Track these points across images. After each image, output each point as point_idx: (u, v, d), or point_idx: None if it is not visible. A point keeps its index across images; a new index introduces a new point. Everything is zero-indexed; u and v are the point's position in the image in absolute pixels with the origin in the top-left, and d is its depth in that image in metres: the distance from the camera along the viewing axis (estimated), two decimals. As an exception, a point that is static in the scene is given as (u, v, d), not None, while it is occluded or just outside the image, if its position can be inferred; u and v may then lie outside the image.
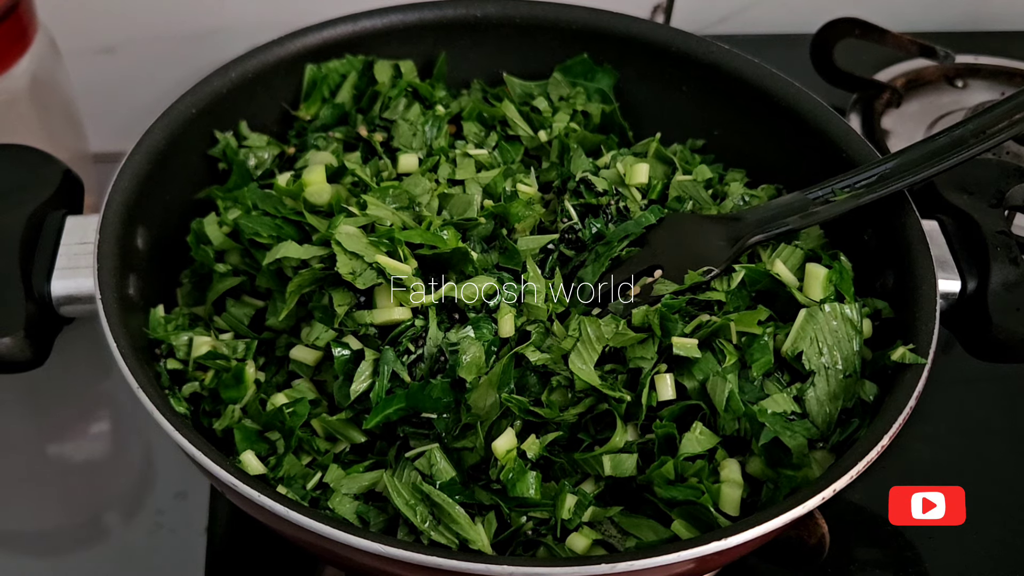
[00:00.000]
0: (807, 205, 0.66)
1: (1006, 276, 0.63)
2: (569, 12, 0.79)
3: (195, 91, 0.71)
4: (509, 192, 0.70)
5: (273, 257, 0.62)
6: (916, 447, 0.75)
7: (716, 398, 0.58)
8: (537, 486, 0.57)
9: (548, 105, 0.79)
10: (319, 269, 0.61)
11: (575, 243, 0.68)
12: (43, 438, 0.82)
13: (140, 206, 0.65)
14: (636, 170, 0.70)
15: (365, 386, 0.59)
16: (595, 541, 0.56)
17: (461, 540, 0.54)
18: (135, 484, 0.79)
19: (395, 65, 0.79)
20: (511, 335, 0.61)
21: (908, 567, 0.70)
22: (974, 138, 0.64)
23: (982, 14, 1.15)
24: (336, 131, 0.76)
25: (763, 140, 0.76)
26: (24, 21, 0.76)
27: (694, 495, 0.55)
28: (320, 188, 0.67)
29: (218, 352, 0.63)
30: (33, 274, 0.61)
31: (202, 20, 0.95)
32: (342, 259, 0.59)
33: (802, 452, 0.57)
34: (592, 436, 0.60)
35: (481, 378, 0.59)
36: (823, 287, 0.62)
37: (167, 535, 0.75)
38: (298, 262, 0.62)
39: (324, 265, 0.60)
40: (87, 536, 0.76)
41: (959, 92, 1.05)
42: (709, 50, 0.77)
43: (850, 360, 0.60)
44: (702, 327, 0.60)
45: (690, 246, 0.65)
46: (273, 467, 0.59)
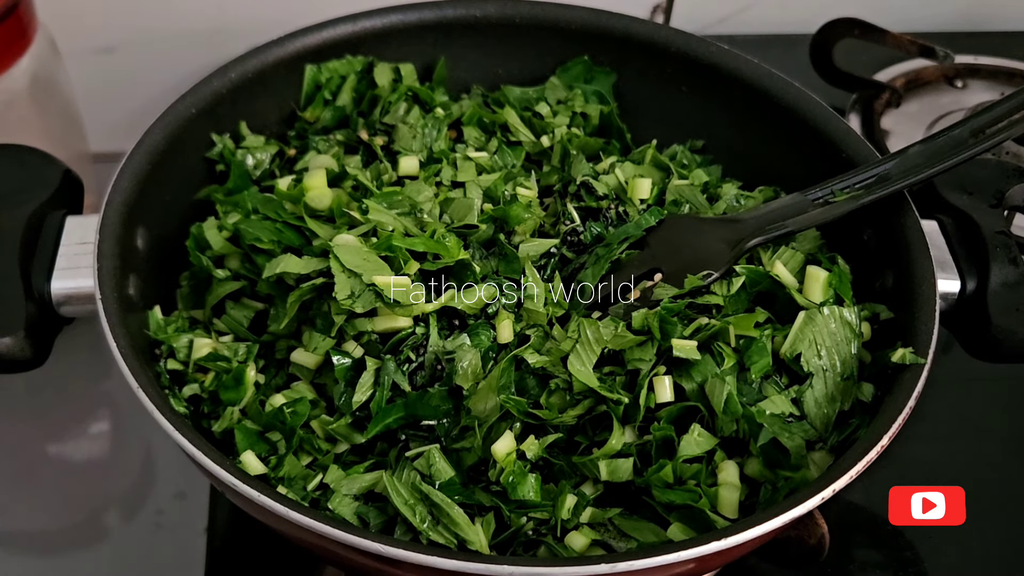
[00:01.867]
0: (806, 206, 0.66)
1: (1006, 276, 0.63)
2: (569, 12, 0.79)
3: (195, 91, 0.71)
4: (509, 196, 0.70)
5: (272, 271, 0.62)
6: (916, 447, 0.75)
7: (714, 400, 0.58)
8: (537, 488, 0.57)
9: (549, 110, 0.79)
10: (319, 283, 0.61)
11: (576, 245, 0.68)
12: (43, 438, 0.82)
13: (140, 206, 0.64)
14: (639, 185, 0.70)
15: (366, 396, 0.59)
16: (594, 542, 0.56)
17: (460, 540, 0.54)
18: (135, 484, 0.79)
19: (395, 68, 0.79)
20: (510, 340, 0.61)
21: (908, 567, 0.70)
22: (973, 138, 0.64)
23: (982, 14, 1.15)
24: (337, 134, 0.76)
25: (763, 140, 0.76)
26: (24, 21, 0.76)
27: (692, 498, 0.55)
28: (321, 193, 0.67)
29: (219, 354, 0.64)
30: (33, 274, 0.61)
31: (202, 20, 0.95)
32: (340, 280, 0.59)
33: (800, 453, 0.57)
34: (590, 438, 0.60)
35: (479, 383, 0.59)
36: (823, 289, 0.62)
37: (167, 535, 0.75)
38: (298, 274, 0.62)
39: (324, 280, 0.60)
40: (87, 536, 0.76)
41: (959, 92, 1.05)
42: (709, 50, 0.77)
43: (848, 363, 0.60)
44: (701, 330, 0.60)
45: (689, 249, 0.65)
46: (274, 467, 0.59)
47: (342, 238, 0.61)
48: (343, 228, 0.64)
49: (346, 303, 0.58)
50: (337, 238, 0.62)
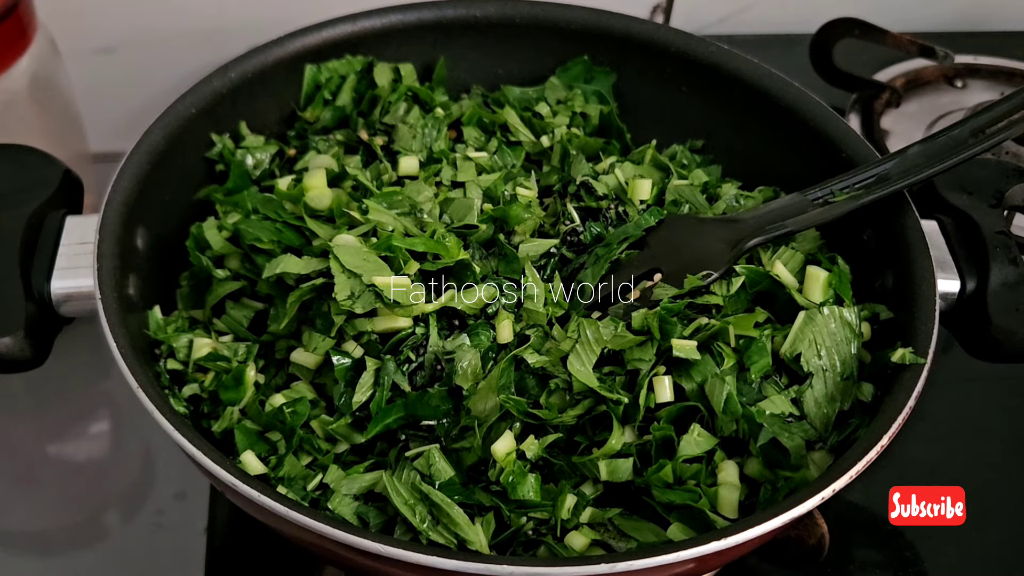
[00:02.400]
0: (806, 206, 0.66)
1: (1006, 276, 0.63)
2: (569, 12, 0.79)
3: (195, 91, 0.71)
4: (509, 196, 0.70)
5: (272, 272, 0.62)
6: (916, 447, 0.75)
7: (714, 399, 0.58)
8: (537, 488, 0.57)
9: (549, 110, 0.79)
10: (319, 284, 0.61)
11: (576, 245, 0.68)
12: (43, 438, 0.82)
13: (140, 206, 0.65)
14: (639, 186, 0.70)
15: (366, 397, 0.59)
16: (594, 542, 0.56)
17: (460, 540, 0.54)
18: (135, 484, 0.79)
19: (395, 68, 0.79)
20: (510, 340, 0.61)
21: (908, 567, 0.70)
22: (973, 138, 0.64)
23: (982, 14, 1.15)
24: (337, 134, 0.76)
25: (762, 140, 0.76)
26: (24, 21, 0.76)
27: (691, 499, 0.55)
28: (321, 193, 0.68)
29: (219, 354, 0.64)
30: (33, 274, 0.61)
31: (202, 20, 0.95)
32: (340, 281, 0.59)
33: (800, 453, 0.57)
34: (590, 438, 0.60)
35: (479, 384, 0.59)
36: (823, 290, 0.62)
37: (167, 535, 0.75)
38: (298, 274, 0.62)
39: (324, 280, 0.60)
40: (87, 536, 0.76)
41: (959, 92, 1.05)
42: (709, 50, 0.77)
43: (848, 363, 0.60)
44: (700, 330, 0.60)
45: (689, 249, 0.65)
46: (274, 467, 0.59)
47: (342, 238, 0.61)
48: (343, 228, 0.64)
49: (346, 304, 0.58)
50: (337, 238, 0.62)
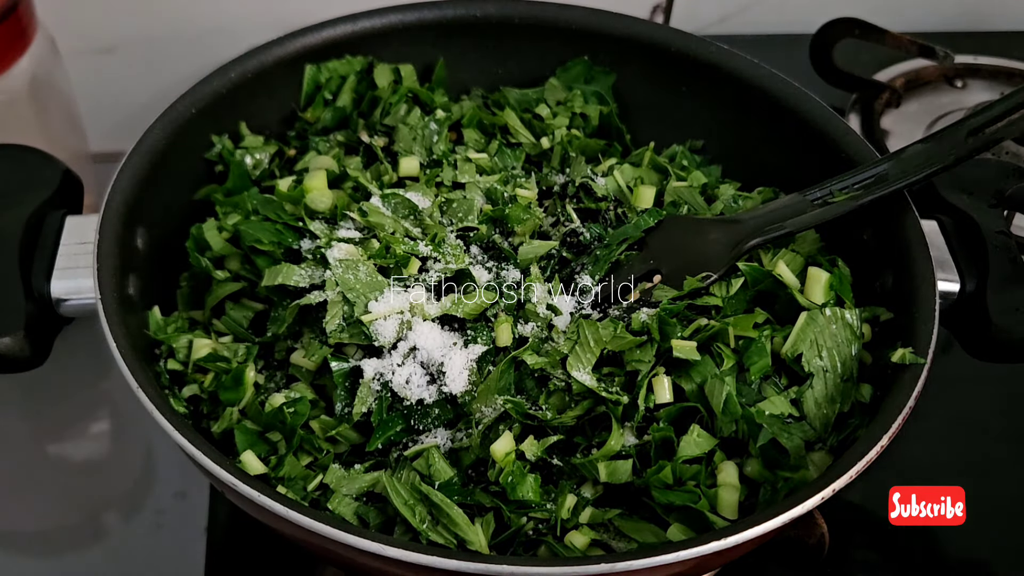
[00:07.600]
0: (805, 207, 0.65)
1: (1006, 276, 0.63)
2: (569, 12, 0.79)
3: (195, 91, 0.71)
4: (508, 197, 0.70)
5: (271, 282, 0.62)
6: (916, 447, 0.75)
7: (714, 400, 0.58)
8: (536, 488, 0.57)
9: (549, 111, 0.79)
10: (315, 303, 0.61)
11: (576, 247, 0.68)
12: (43, 438, 0.82)
13: (140, 206, 0.65)
14: (642, 193, 0.70)
15: (366, 408, 0.59)
16: (594, 542, 0.56)
17: (459, 540, 0.54)
18: (135, 484, 0.79)
19: (395, 69, 0.79)
20: (508, 344, 0.61)
21: (908, 567, 0.70)
22: (972, 138, 0.64)
23: (982, 14, 1.15)
24: (337, 134, 0.76)
25: (762, 140, 0.76)
26: (24, 21, 0.76)
27: (691, 499, 0.55)
28: (321, 194, 0.68)
29: (219, 354, 0.64)
30: (33, 274, 0.61)
31: (202, 20, 0.95)
32: (332, 310, 0.60)
33: (799, 454, 0.57)
34: (589, 439, 0.60)
35: (478, 387, 0.59)
36: (824, 291, 0.62)
37: (167, 535, 0.75)
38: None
39: (320, 298, 0.61)
40: (87, 536, 0.76)
41: (959, 92, 1.05)
42: (709, 50, 0.77)
43: (848, 364, 0.60)
44: (700, 331, 0.60)
45: (689, 250, 0.65)
46: (274, 467, 0.59)
47: (341, 249, 0.61)
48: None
49: (334, 336, 0.60)
50: (335, 249, 0.62)
